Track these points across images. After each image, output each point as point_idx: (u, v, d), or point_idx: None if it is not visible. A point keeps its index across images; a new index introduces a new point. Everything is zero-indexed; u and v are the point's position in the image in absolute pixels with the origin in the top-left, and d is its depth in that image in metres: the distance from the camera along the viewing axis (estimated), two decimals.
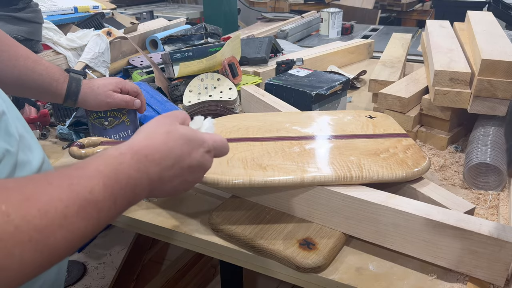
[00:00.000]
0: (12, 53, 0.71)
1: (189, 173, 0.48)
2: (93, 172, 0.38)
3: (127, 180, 0.41)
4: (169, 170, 0.46)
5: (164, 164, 0.45)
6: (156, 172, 0.44)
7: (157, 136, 0.46)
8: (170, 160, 0.46)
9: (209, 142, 0.50)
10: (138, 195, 0.43)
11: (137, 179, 0.42)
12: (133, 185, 0.42)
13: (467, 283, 0.56)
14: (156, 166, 0.44)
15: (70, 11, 1.43)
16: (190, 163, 0.48)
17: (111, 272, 1.69)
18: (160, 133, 0.47)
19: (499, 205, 0.72)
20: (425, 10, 2.98)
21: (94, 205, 0.37)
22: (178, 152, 0.46)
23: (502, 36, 0.92)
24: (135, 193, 0.42)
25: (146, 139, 0.46)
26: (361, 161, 0.65)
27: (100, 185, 0.38)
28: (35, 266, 0.32)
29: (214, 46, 1.16)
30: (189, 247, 0.69)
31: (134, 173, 0.42)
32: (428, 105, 0.92)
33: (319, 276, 0.58)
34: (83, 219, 0.35)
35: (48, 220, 0.32)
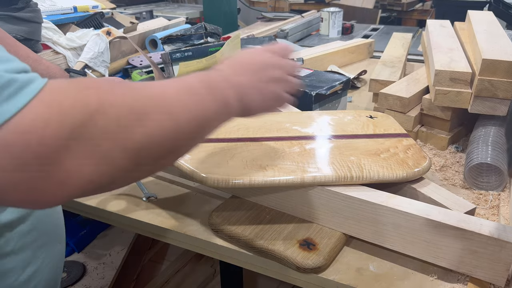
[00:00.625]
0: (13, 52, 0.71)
1: (266, 72, 0.52)
2: (187, 77, 0.45)
3: (215, 83, 0.46)
4: (245, 71, 0.51)
5: (236, 71, 0.51)
6: (233, 79, 0.49)
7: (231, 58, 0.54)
8: (243, 66, 0.52)
9: (270, 46, 0.57)
10: (229, 98, 0.47)
11: (222, 85, 0.47)
12: (221, 88, 0.46)
13: (468, 283, 0.56)
14: (232, 74, 0.50)
15: (70, 11, 1.43)
16: (261, 64, 0.53)
17: (110, 272, 1.69)
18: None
19: (499, 205, 0.71)
20: (425, 10, 2.98)
21: (198, 94, 0.42)
22: (249, 59, 0.53)
23: (502, 35, 0.92)
24: (226, 95, 0.46)
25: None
26: (362, 161, 0.65)
27: (198, 83, 0.44)
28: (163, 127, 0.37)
29: (214, 45, 1.15)
30: (189, 248, 0.69)
31: (218, 78, 0.47)
32: (428, 105, 0.91)
33: (319, 277, 0.58)
34: (193, 102, 0.41)
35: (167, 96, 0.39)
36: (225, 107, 0.46)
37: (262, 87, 0.52)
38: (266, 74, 0.53)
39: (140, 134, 0.34)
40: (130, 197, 0.76)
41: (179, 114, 0.38)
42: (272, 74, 0.53)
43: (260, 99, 0.52)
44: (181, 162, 0.65)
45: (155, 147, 0.36)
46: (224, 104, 0.46)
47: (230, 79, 0.48)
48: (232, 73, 0.50)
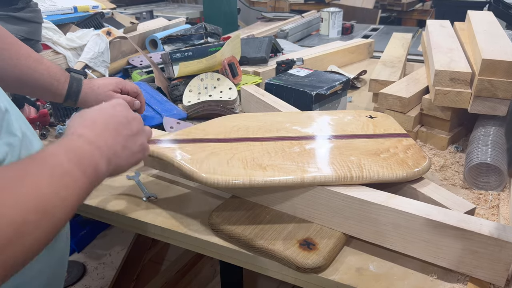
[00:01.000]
0: (14, 51, 0.71)
1: (126, 127, 0.53)
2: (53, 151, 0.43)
3: (82, 153, 0.45)
4: (106, 132, 0.50)
5: (97, 131, 0.49)
6: (97, 140, 0.48)
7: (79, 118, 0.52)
8: (100, 125, 0.50)
9: (117, 102, 0.57)
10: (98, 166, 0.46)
11: (89, 153, 0.46)
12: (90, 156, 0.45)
13: (468, 283, 0.56)
14: (94, 136, 0.48)
15: (70, 11, 1.43)
16: (118, 119, 0.53)
17: (110, 272, 1.69)
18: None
19: (499, 205, 0.71)
20: (425, 10, 2.98)
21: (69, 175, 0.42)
22: (103, 118, 0.52)
23: (502, 36, 0.92)
24: (95, 162, 0.46)
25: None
26: (362, 161, 0.65)
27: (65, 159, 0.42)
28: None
29: (214, 46, 1.15)
30: (189, 248, 0.69)
31: (84, 148, 0.46)
32: (428, 105, 0.91)
33: (319, 277, 0.58)
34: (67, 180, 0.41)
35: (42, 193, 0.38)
36: (96, 175, 0.46)
37: (128, 144, 0.52)
38: (127, 129, 0.53)
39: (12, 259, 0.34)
40: (130, 197, 0.76)
41: (55, 211, 0.38)
42: (132, 127, 0.54)
43: (128, 155, 0.52)
44: (181, 162, 0.65)
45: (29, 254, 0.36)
46: (95, 172, 0.45)
47: (95, 143, 0.48)
48: (95, 135, 0.49)
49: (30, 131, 0.57)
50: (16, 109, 0.57)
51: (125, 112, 0.55)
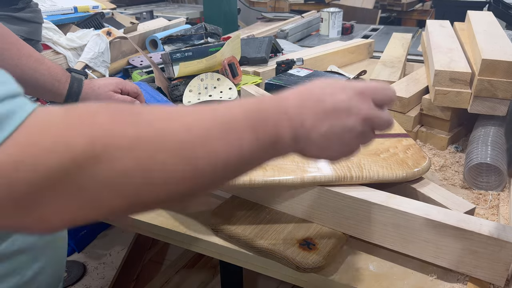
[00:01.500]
0: (15, 51, 0.71)
1: (337, 118, 0.41)
2: (235, 104, 0.38)
3: (266, 114, 0.38)
4: (309, 110, 0.40)
5: (303, 104, 0.40)
6: (295, 112, 0.40)
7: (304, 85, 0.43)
8: (310, 100, 0.41)
9: (360, 84, 0.43)
10: (281, 136, 0.39)
11: (277, 117, 0.39)
12: (274, 121, 0.38)
13: (467, 283, 0.56)
14: (295, 106, 0.40)
15: (70, 11, 1.43)
16: (335, 103, 0.41)
17: (111, 272, 1.69)
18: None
19: (499, 205, 0.72)
20: (425, 10, 2.98)
21: (235, 132, 0.36)
22: (318, 92, 0.41)
23: (502, 36, 0.92)
24: (277, 131, 0.38)
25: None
26: (361, 161, 0.65)
27: (241, 114, 0.37)
28: (178, 177, 0.32)
29: (214, 46, 1.16)
30: (189, 247, 0.69)
31: (272, 109, 0.39)
32: (428, 105, 0.91)
33: (319, 276, 0.58)
34: (224, 144, 0.34)
35: (190, 136, 0.32)
36: (273, 145, 0.38)
37: (328, 134, 0.41)
38: (339, 120, 0.41)
39: (148, 191, 0.30)
40: None
41: (203, 159, 0.33)
42: (345, 121, 0.41)
43: (321, 146, 0.41)
44: None
45: (163, 197, 0.32)
46: (274, 140, 0.38)
47: (292, 113, 0.40)
48: (297, 104, 0.40)
49: None
50: None
51: (353, 103, 0.41)
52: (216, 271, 1.63)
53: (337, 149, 0.43)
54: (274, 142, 0.38)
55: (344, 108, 0.41)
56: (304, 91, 0.42)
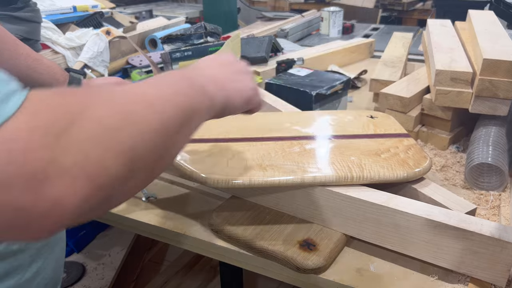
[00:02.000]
0: (13, 51, 0.71)
1: (231, 65, 0.54)
2: (166, 73, 0.46)
3: (194, 77, 0.47)
4: (214, 66, 0.53)
5: (206, 63, 0.53)
6: (206, 69, 0.52)
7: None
8: (207, 61, 0.54)
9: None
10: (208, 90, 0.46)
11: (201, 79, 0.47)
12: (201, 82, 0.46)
13: (468, 284, 0.56)
14: (203, 68, 0.52)
15: (69, 11, 1.43)
16: (224, 60, 0.55)
17: (110, 272, 1.68)
18: None
19: (500, 205, 0.71)
20: (426, 9, 2.97)
21: (181, 87, 0.43)
22: (208, 59, 0.55)
23: (503, 35, 0.92)
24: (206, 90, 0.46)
25: None
26: (362, 161, 0.65)
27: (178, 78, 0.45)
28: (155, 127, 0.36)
29: (213, 45, 1.15)
30: (188, 248, 0.68)
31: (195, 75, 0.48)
32: (429, 105, 0.91)
33: (319, 277, 0.58)
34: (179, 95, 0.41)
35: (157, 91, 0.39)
36: (209, 100, 0.46)
37: (236, 78, 0.53)
38: (233, 66, 0.55)
39: (129, 135, 0.33)
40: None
41: (165, 108, 0.38)
42: (238, 66, 0.56)
43: (237, 89, 0.52)
44: (181, 163, 0.65)
45: (146, 147, 0.35)
46: (207, 97, 0.46)
47: (205, 73, 0.50)
48: (205, 67, 0.52)
49: None
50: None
51: (231, 56, 0.57)
52: (216, 272, 1.63)
53: (247, 86, 0.54)
54: (208, 97, 0.46)
55: (232, 59, 0.56)
56: (200, 63, 0.54)
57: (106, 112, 0.32)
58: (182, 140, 0.42)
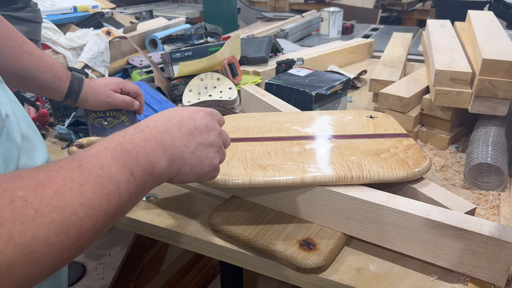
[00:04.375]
0: (18, 48, 0.71)
1: (200, 135, 0.47)
2: (99, 149, 0.38)
3: (135, 149, 0.40)
4: (177, 132, 0.45)
5: (169, 128, 0.45)
6: (164, 136, 0.44)
7: (157, 114, 0.47)
8: (174, 124, 0.45)
9: (205, 108, 0.51)
10: (156, 164, 0.41)
11: (147, 146, 0.41)
12: (145, 153, 0.40)
13: (468, 283, 0.56)
14: (163, 132, 0.44)
15: (70, 11, 1.43)
16: (196, 124, 0.47)
17: (110, 272, 1.69)
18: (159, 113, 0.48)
19: (500, 205, 0.71)
20: (425, 10, 2.98)
21: (109, 179, 0.36)
22: (179, 117, 0.47)
23: (503, 35, 0.92)
24: (151, 162, 0.41)
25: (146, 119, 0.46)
26: (362, 161, 0.65)
27: (109, 159, 0.37)
28: (64, 249, 0.31)
29: (213, 45, 1.15)
30: (189, 248, 0.68)
31: (140, 142, 0.41)
32: (429, 105, 0.91)
33: (319, 277, 0.58)
34: (102, 195, 0.35)
35: (66, 200, 0.32)
36: (151, 175, 0.41)
37: (198, 151, 0.47)
38: (202, 137, 0.48)
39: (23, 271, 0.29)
40: None
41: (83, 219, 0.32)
42: (208, 137, 0.48)
43: (195, 163, 0.47)
44: None
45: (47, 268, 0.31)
46: (150, 171, 0.40)
47: (160, 139, 0.43)
48: (163, 131, 0.44)
49: (34, 132, 0.57)
50: (21, 110, 0.56)
51: (207, 120, 0.49)
52: (216, 272, 1.63)
53: (207, 164, 0.48)
54: (151, 173, 0.40)
55: (204, 126, 0.48)
56: (163, 118, 0.46)
57: (1, 245, 0.28)
58: (102, 233, 0.36)
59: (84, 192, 0.33)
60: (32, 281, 0.30)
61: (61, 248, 0.31)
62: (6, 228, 0.28)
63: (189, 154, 0.46)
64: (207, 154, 0.48)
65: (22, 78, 0.72)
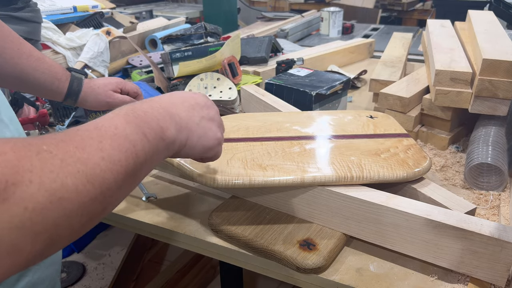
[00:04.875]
0: (15, 50, 0.71)
1: (201, 110, 0.50)
2: (112, 115, 0.40)
3: (145, 114, 0.42)
4: (180, 106, 0.48)
5: (173, 101, 0.48)
6: (171, 107, 0.46)
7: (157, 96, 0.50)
8: (177, 99, 0.49)
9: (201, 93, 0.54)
10: (166, 130, 0.43)
11: (155, 113, 0.43)
12: (155, 118, 0.43)
13: (468, 283, 0.56)
14: (169, 103, 0.47)
15: (69, 11, 1.43)
16: (197, 101, 0.51)
17: (110, 272, 1.68)
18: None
19: (500, 205, 0.71)
20: (426, 10, 2.98)
21: (125, 138, 0.38)
22: (180, 95, 0.50)
23: (503, 35, 0.92)
24: (161, 127, 0.43)
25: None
26: (362, 161, 0.65)
27: (122, 121, 0.39)
28: (91, 199, 0.32)
29: (213, 45, 1.15)
30: (188, 248, 0.68)
31: (149, 109, 0.43)
32: (429, 105, 0.91)
33: (319, 277, 0.58)
34: (120, 152, 0.36)
35: (88, 153, 0.33)
36: (163, 140, 0.42)
37: (202, 123, 0.50)
38: (204, 111, 0.51)
39: (54, 216, 0.29)
40: (130, 197, 0.76)
41: (104, 177, 0.34)
42: (209, 113, 0.52)
43: (201, 135, 0.49)
44: (181, 162, 0.65)
45: (70, 224, 0.31)
46: (161, 136, 0.42)
47: (167, 109, 0.46)
48: (169, 103, 0.47)
49: (20, 136, 0.57)
50: (8, 113, 0.56)
51: (206, 99, 0.53)
52: (216, 272, 1.63)
53: (211, 136, 0.51)
54: (161, 138, 0.43)
55: (204, 103, 0.52)
56: (167, 96, 0.49)
57: (34, 190, 0.28)
58: (124, 192, 0.38)
59: (103, 148, 0.35)
60: (64, 233, 0.31)
61: (89, 198, 0.32)
62: (36, 175, 0.29)
63: (194, 125, 0.49)
64: (210, 127, 0.51)
65: (21, 80, 0.72)
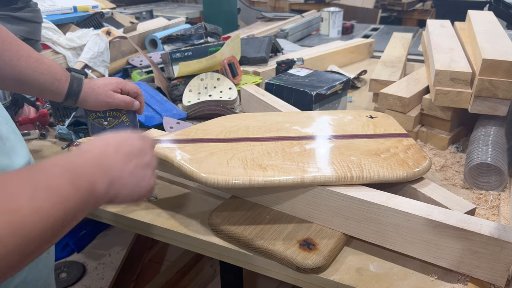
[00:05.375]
0: (14, 52, 0.71)
1: (137, 158, 0.50)
2: (50, 165, 0.41)
3: (80, 168, 0.43)
4: (114, 155, 0.47)
5: (108, 152, 0.47)
6: (104, 158, 0.46)
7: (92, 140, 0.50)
8: (112, 147, 0.48)
9: (137, 133, 0.54)
10: (98, 186, 0.43)
11: (89, 169, 0.43)
12: (88, 174, 0.43)
13: (468, 283, 0.56)
14: (103, 155, 0.46)
15: (70, 11, 1.43)
16: (131, 146, 0.50)
17: (110, 272, 1.68)
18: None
19: (500, 205, 0.71)
20: (425, 10, 2.98)
21: (58, 190, 0.38)
22: (114, 142, 0.49)
23: (503, 35, 0.92)
24: (93, 182, 0.43)
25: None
26: (362, 161, 0.65)
27: (59, 172, 0.40)
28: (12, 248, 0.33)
29: (213, 45, 1.15)
30: (189, 248, 0.68)
31: (84, 163, 0.44)
32: (429, 105, 0.91)
33: (319, 277, 0.58)
34: (50, 202, 0.37)
35: (18, 204, 0.34)
36: (92, 195, 0.42)
37: (136, 172, 0.49)
38: (139, 158, 0.50)
39: None
40: None
41: (33, 228, 0.35)
42: (144, 158, 0.51)
43: (133, 184, 0.48)
44: (181, 162, 0.65)
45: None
46: (91, 192, 0.42)
47: (100, 162, 0.45)
48: (103, 155, 0.46)
49: (15, 134, 0.56)
50: (2, 114, 0.56)
51: (142, 143, 0.52)
52: (216, 272, 1.63)
53: (144, 186, 0.50)
54: (91, 194, 0.42)
55: (139, 148, 0.51)
56: (101, 144, 0.48)
57: None
58: (48, 245, 0.38)
59: (35, 198, 0.36)
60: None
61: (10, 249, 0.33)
62: None
63: (127, 175, 0.48)
64: (144, 176, 0.50)
65: (21, 82, 0.72)
